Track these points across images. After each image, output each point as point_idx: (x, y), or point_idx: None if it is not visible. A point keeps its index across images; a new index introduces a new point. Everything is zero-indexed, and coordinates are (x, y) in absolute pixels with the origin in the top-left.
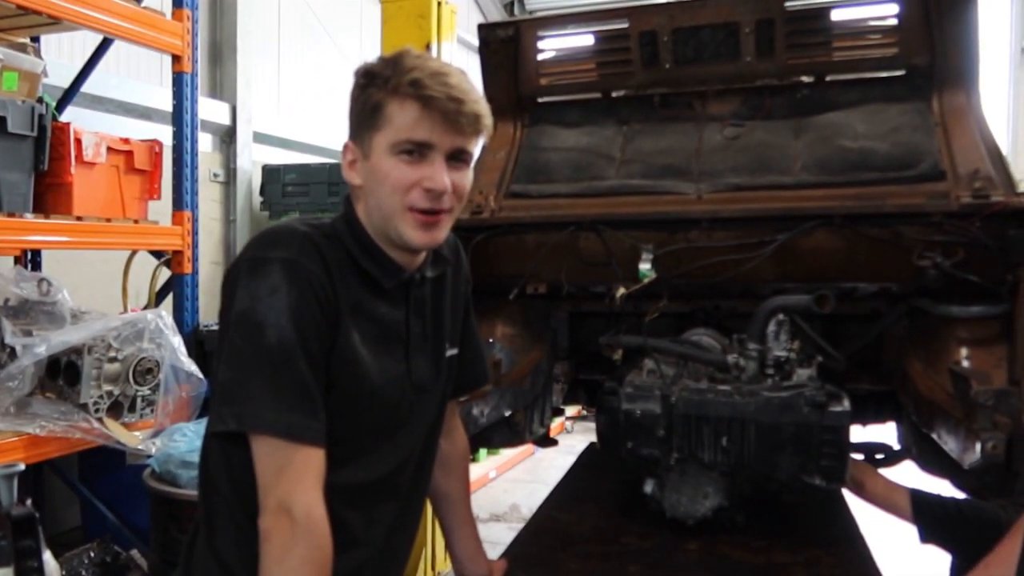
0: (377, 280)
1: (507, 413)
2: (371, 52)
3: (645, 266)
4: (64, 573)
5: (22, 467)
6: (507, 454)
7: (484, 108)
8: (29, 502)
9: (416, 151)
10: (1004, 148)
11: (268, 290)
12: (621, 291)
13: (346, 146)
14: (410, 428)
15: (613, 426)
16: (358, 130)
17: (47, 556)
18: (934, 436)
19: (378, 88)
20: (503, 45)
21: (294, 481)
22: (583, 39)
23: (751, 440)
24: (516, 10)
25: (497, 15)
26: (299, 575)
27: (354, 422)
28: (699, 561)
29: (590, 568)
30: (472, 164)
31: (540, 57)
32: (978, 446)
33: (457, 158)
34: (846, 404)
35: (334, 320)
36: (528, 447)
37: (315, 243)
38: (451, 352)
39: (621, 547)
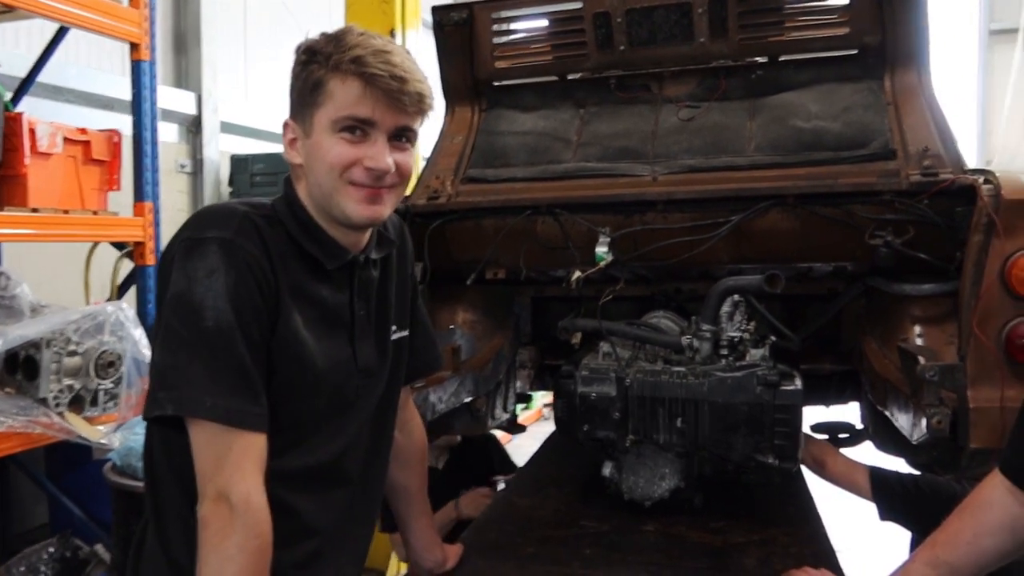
0: (319, 262)
1: (467, 399)
2: None
3: (602, 249)
4: (23, 569)
5: None
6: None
7: (427, 88)
8: None
9: (358, 129)
10: (975, 128)
11: (205, 271)
12: (577, 275)
13: (286, 124)
14: (356, 412)
15: (570, 409)
16: (299, 107)
17: None
18: (887, 414)
19: (319, 65)
20: (457, 28)
21: (233, 468)
22: (538, 21)
23: (705, 420)
24: None
25: None
26: (236, 562)
27: (298, 407)
28: (655, 543)
29: (547, 552)
30: (415, 143)
31: (495, 40)
32: (923, 421)
33: (400, 137)
34: (798, 383)
35: (274, 303)
36: (505, 434)
37: (254, 223)
38: (399, 335)
39: (580, 530)
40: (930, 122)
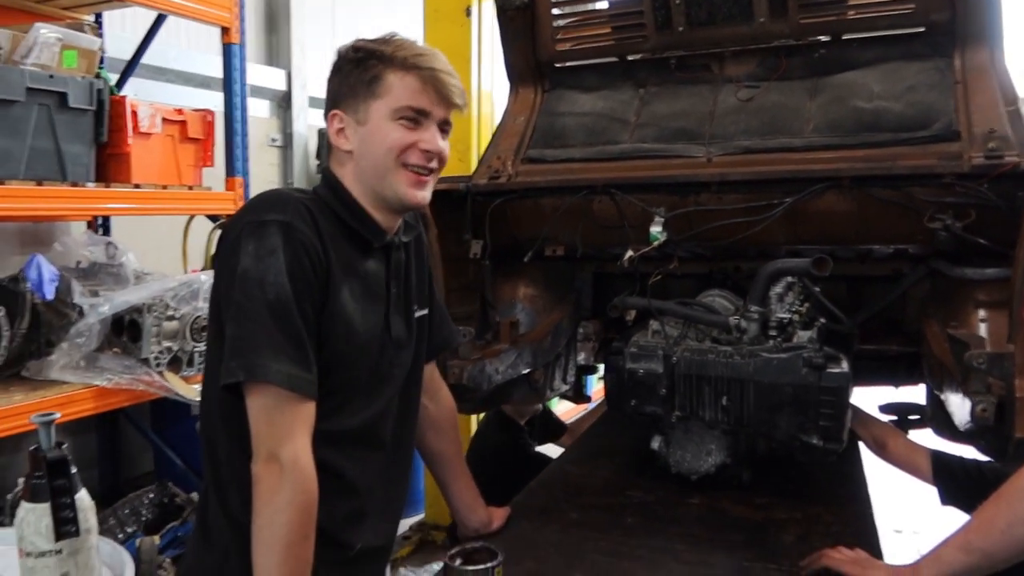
0: (365, 240)
1: (525, 371)
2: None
3: (656, 229)
4: (127, 512)
5: (58, 415)
6: (559, 410)
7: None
8: (65, 446)
9: (415, 118)
10: None
11: (267, 251)
12: (629, 254)
13: (334, 114)
14: (389, 381)
15: (618, 384)
16: (351, 99)
17: (82, 493)
18: (943, 398)
19: (378, 61)
20: (519, 12)
21: (285, 431)
22: (598, 3)
23: (750, 400)
24: None
25: None
26: (285, 515)
27: (343, 374)
28: (697, 515)
29: (590, 519)
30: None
31: (556, 23)
32: (969, 408)
33: (443, 128)
34: (845, 366)
35: (324, 279)
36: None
37: (307, 207)
38: (420, 313)
39: (625, 500)
40: (999, 103)
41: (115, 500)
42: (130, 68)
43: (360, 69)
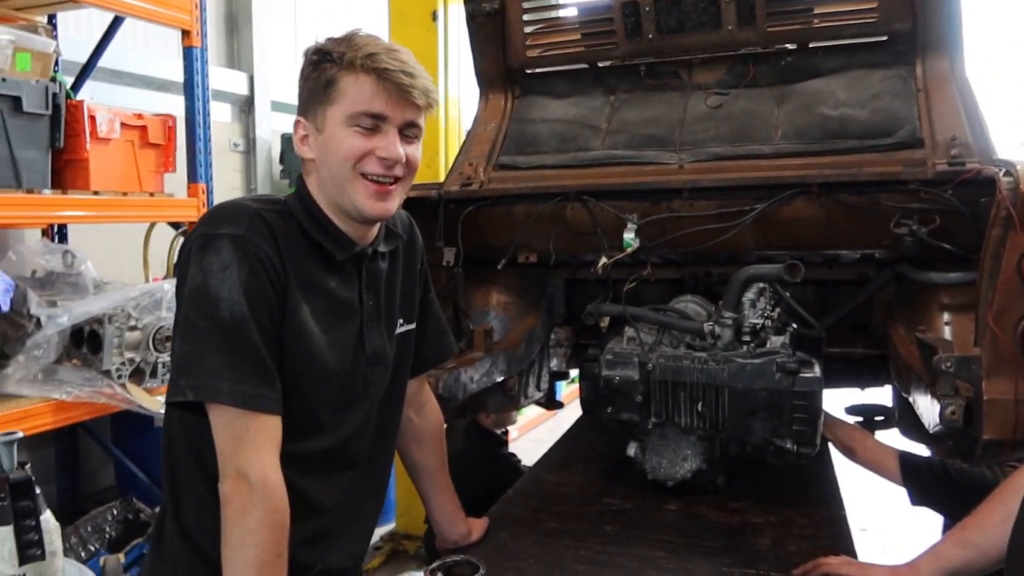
0: (329, 253)
1: (499, 379)
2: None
3: (629, 235)
4: (90, 529)
5: (21, 435)
6: (530, 415)
7: (432, 84)
8: (28, 467)
9: (370, 123)
10: None
11: (220, 266)
12: (603, 261)
13: (297, 122)
14: (363, 400)
15: (594, 391)
16: (310, 105)
17: (46, 515)
18: (911, 400)
19: (332, 63)
20: (490, 18)
21: (251, 449)
22: (568, 10)
23: (725, 405)
24: None
25: None
26: (257, 535)
27: (306, 394)
28: (675, 521)
29: (568, 527)
30: (421, 139)
31: (527, 29)
32: (938, 411)
33: (408, 131)
34: (817, 371)
35: (283, 295)
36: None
37: (264, 219)
38: (405, 328)
39: (602, 507)
40: (960, 110)
41: (75, 517)
42: (86, 71)
43: (317, 72)
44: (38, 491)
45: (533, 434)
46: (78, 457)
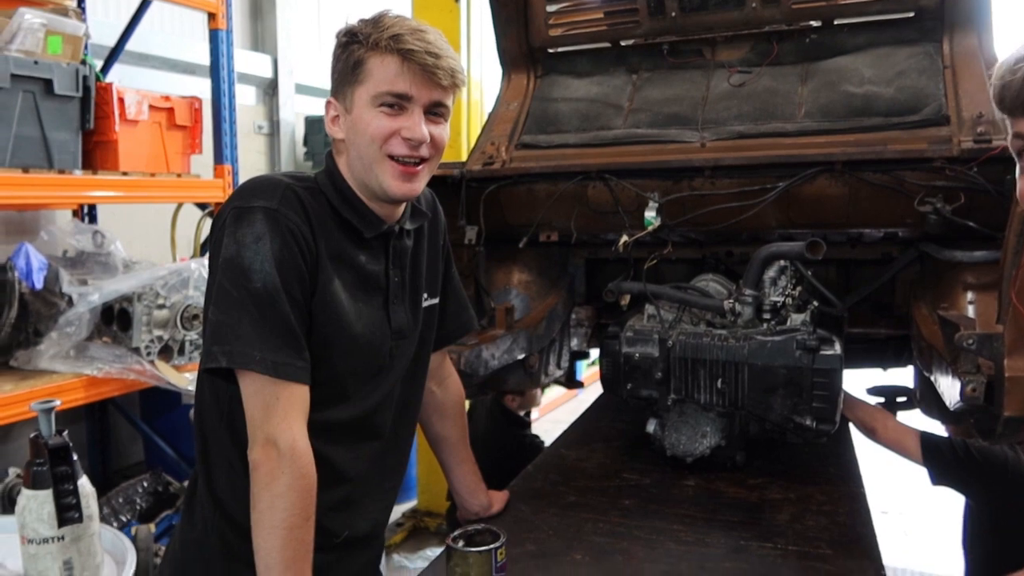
0: (358, 230)
1: (520, 356)
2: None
3: (650, 214)
4: (121, 501)
5: (58, 402)
6: (550, 396)
7: (459, 64)
8: (65, 433)
9: (396, 103)
10: None
11: (253, 237)
12: (624, 239)
13: (328, 102)
14: (389, 372)
15: (614, 368)
16: (340, 86)
17: (83, 480)
18: (932, 380)
19: (360, 45)
20: None
21: (280, 416)
22: None
23: (744, 382)
24: None
25: None
26: (286, 499)
27: (335, 364)
28: (693, 496)
29: (587, 501)
30: (448, 119)
31: (549, 8)
32: (958, 389)
33: (434, 111)
34: (838, 348)
35: (314, 267)
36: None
37: (296, 194)
38: (430, 302)
39: (621, 482)
40: (987, 87)
41: (105, 490)
42: (114, 54)
43: (346, 53)
44: (75, 457)
45: (553, 415)
46: (108, 433)
